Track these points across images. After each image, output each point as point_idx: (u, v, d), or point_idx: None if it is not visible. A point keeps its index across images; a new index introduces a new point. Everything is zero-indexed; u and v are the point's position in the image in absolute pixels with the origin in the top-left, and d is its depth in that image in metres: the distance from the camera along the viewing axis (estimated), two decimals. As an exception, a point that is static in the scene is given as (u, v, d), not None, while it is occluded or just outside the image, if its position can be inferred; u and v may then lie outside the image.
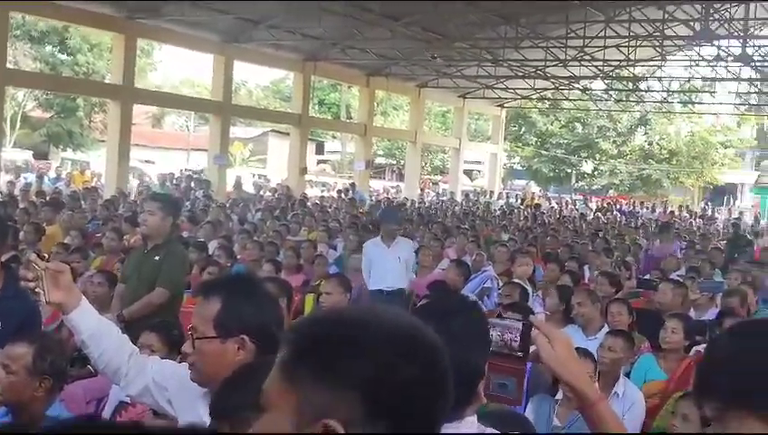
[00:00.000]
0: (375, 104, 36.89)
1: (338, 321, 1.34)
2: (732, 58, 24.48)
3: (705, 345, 6.21)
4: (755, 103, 36.58)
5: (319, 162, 54.20)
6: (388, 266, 9.33)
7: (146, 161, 38.71)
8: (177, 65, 53.10)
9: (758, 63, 25.21)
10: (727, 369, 1.38)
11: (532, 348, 2.09)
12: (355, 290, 7.18)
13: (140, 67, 33.96)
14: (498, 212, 25.49)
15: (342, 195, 26.50)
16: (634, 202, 38.19)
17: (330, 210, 20.62)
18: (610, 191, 48.62)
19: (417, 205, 27.26)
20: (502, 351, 2.12)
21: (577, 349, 4.81)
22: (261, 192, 26.81)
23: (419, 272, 10.16)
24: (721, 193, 49.00)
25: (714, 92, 34.33)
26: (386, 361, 1.27)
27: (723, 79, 31.02)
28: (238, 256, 10.01)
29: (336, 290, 6.23)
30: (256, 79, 56.54)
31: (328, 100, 53.23)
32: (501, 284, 8.86)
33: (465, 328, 1.98)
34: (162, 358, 3.40)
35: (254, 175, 39.70)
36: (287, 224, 14.32)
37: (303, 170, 29.58)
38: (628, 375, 5.75)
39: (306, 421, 1.26)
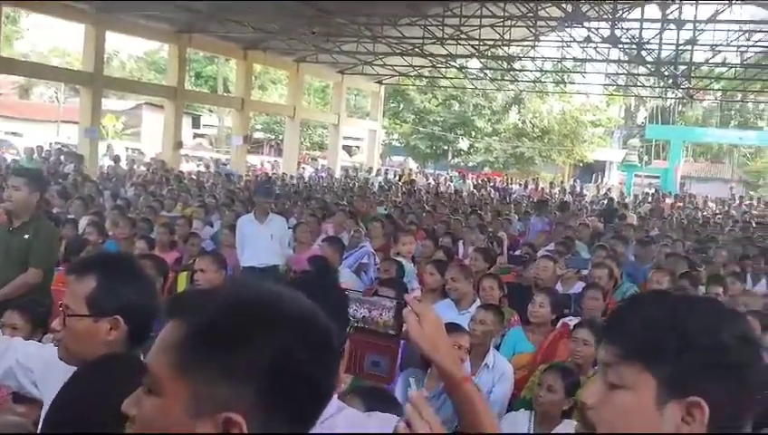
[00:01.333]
0: (253, 78, 36.44)
1: (236, 304, 1.28)
2: (601, 40, 25.27)
3: (571, 318, 6.47)
4: (623, 84, 37.96)
5: (195, 136, 53.19)
6: (260, 243, 9.28)
7: (12, 133, 37.08)
8: (45, 34, 50.74)
9: (625, 45, 26.12)
10: (643, 321, 1.42)
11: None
12: (229, 267, 7.10)
13: (6, 35, 32.43)
14: (376, 188, 25.68)
15: (210, 170, 26.06)
16: (508, 179, 39.13)
17: (206, 186, 20.32)
18: (485, 168, 49.66)
19: (295, 180, 27.15)
20: (373, 328, 2.14)
21: (450, 324, 4.96)
22: (135, 167, 26.10)
23: (297, 248, 10.12)
24: (590, 170, 50.81)
25: (584, 73, 35.47)
26: (284, 346, 1.24)
27: (592, 60, 32.05)
28: (110, 233, 9.74)
29: (210, 267, 6.13)
30: (130, 49, 54.87)
31: (205, 73, 52.26)
32: (378, 259, 8.97)
33: (326, 306, 1.99)
34: (26, 337, 3.30)
35: (127, 149, 38.62)
36: (161, 200, 14.03)
37: (179, 145, 28.93)
38: (498, 348, 5.92)
39: (203, 412, 1.22)
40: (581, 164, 51.86)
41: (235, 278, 7.38)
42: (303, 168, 37.14)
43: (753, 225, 20.65)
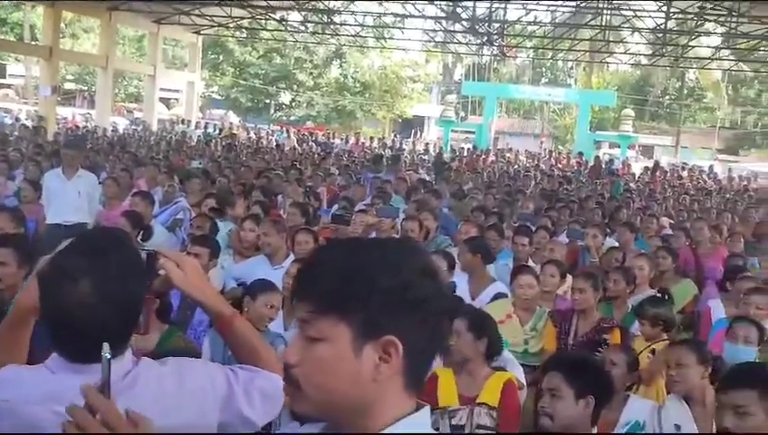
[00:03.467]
0: (63, 26, 34.56)
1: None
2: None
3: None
4: (441, 41, 38.76)
5: (1, 87, 50.10)
6: (67, 200, 8.91)
7: None
8: None
9: (442, 2, 26.62)
10: (330, 272, 1.42)
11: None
12: (31, 223, 6.77)
13: None
14: (195, 142, 25.11)
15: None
16: (331, 133, 39.22)
17: (11, 139, 19.20)
18: (308, 122, 49.60)
19: (108, 133, 26.11)
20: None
21: (262, 282, 4.94)
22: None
23: (108, 204, 9.76)
24: (409, 126, 51.73)
25: (403, 29, 35.92)
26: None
27: (411, 16, 32.48)
28: None
29: (8, 224, 5.83)
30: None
31: (10, 19, 49.11)
32: (193, 215, 8.79)
33: (124, 263, 1.95)
34: None
35: None
36: (-41, 154, 13.14)
37: (-19, 95, 27.17)
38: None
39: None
40: (401, 119, 52.74)
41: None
42: (116, 122, 35.71)
43: (560, 178, 21.67)
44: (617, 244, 9.38)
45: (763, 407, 3.07)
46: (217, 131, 33.58)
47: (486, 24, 30.19)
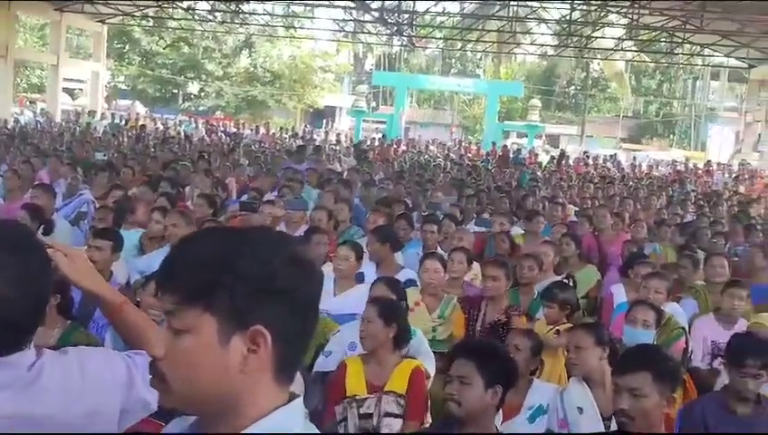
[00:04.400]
0: (-43, 13, 33.26)
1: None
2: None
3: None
4: (351, 31, 38.73)
5: None
6: (-40, 195, 8.63)
7: None
8: None
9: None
10: (194, 262, 1.41)
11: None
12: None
13: None
14: (100, 133, 24.53)
15: None
16: (241, 124, 38.78)
17: None
18: (217, 112, 48.96)
19: (9, 125, 25.29)
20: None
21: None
22: None
23: (8, 197, 9.48)
24: (321, 116, 51.57)
25: (313, 18, 35.75)
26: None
27: (321, 4, 32.36)
28: None
29: None
30: None
31: None
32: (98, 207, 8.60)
33: (34, 260, 1.92)
34: None
35: None
36: None
37: None
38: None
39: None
40: (313, 109, 52.52)
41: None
42: (17, 112, 34.56)
43: (468, 168, 21.92)
44: (522, 231, 9.58)
45: (658, 388, 3.18)
46: (124, 122, 32.86)
47: (396, 15, 30.29)
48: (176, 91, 50.19)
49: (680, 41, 33.51)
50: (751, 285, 7.14)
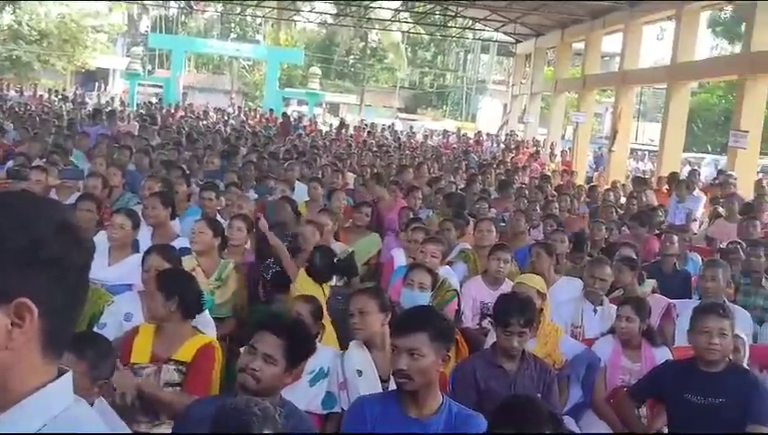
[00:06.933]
0: None
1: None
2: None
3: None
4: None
5: None
6: None
7: None
8: None
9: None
10: None
11: None
12: None
13: None
14: None
15: None
16: (5, 85, 36.26)
17: None
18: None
19: None
20: None
21: None
22: None
23: None
24: (93, 78, 49.25)
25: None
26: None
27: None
28: None
29: None
30: None
31: None
32: None
33: None
34: None
35: None
36: None
37: None
38: None
39: None
40: (84, 71, 49.99)
41: None
42: None
43: (249, 134, 21.71)
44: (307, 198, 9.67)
45: (434, 348, 3.32)
46: None
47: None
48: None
49: (453, 14, 34.79)
50: (516, 249, 7.61)
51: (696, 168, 19.27)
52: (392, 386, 3.76)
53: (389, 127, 34.51)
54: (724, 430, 4.26)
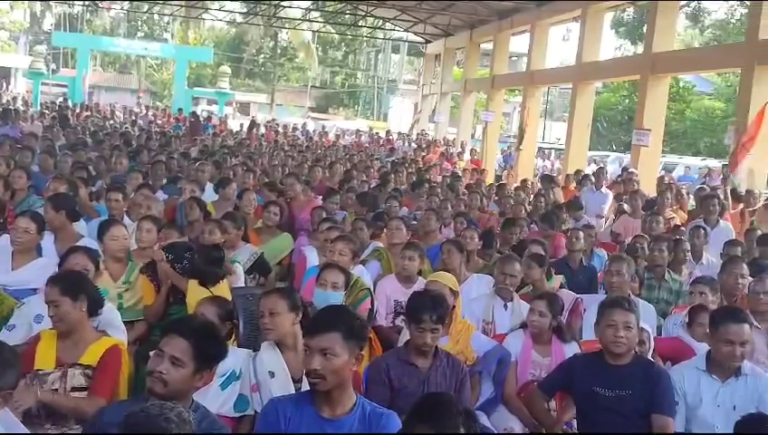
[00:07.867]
0: None
1: None
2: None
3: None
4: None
5: None
6: None
7: None
8: None
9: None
10: None
11: None
12: None
13: None
14: None
15: None
16: None
17: None
18: None
19: None
20: None
21: None
22: None
23: None
24: (-6, 77, 47.72)
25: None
26: None
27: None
28: None
29: None
30: None
31: None
32: None
33: None
34: None
35: None
36: None
37: None
38: None
39: None
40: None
41: None
42: None
43: (157, 134, 21.32)
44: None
45: (348, 347, 3.31)
46: None
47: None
48: None
49: (363, 14, 34.84)
50: (428, 246, 7.67)
51: (601, 165, 19.73)
52: (305, 386, 3.74)
53: (302, 126, 34.35)
54: (631, 421, 4.37)
